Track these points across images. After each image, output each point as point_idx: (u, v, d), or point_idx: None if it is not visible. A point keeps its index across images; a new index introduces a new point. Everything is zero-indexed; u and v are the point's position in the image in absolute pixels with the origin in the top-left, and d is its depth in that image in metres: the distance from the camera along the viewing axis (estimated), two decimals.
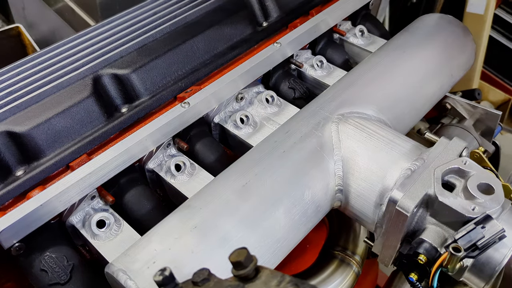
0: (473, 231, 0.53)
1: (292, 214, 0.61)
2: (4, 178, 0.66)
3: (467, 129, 1.00)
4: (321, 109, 0.70)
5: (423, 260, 0.57)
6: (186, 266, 0.52)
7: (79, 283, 0.62)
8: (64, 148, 0.69)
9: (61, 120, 0.70)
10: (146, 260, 0.53)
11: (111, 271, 0.53)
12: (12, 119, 0.69)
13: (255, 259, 0.41)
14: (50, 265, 0.62)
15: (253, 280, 0.41)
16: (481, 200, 0.55)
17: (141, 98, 0.77)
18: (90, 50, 0.80)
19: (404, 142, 0.66)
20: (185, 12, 0.88)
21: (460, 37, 0.89)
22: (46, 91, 0.73)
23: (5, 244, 0.60)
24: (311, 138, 0.66)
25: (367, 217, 0.65)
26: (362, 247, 0.81)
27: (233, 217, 0.57)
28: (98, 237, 0.65)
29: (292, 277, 0.39)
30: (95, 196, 0.69)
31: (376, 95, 0.74)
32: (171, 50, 0.81)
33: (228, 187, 0.61)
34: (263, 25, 0.93)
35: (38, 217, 0.62)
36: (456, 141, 0.63)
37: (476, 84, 1.77)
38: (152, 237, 0.56)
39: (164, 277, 0.41)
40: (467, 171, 0.59)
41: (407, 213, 0.56)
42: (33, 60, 0.78)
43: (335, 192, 0.66)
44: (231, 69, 0.82)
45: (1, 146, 0.67)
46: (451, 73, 0.86)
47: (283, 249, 0.61)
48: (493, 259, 0.56)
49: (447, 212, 0.56)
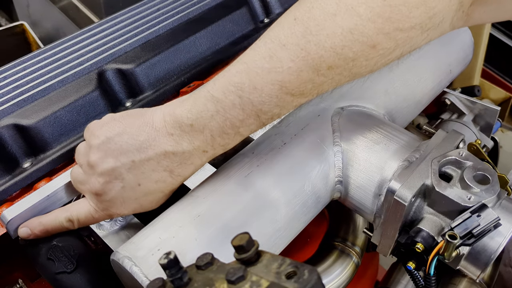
0: (469, 219, 0.54)
1: (293, 205, 0.63)
2: (12, 170, 0.68)
3: (466, 124, 1.01)
4: (321, 102, 0.72)
5: (421, 248, 0.58)
6: (190, 253, 0.54)
7: (85, 272, 0.64)
8: (70, 140, 0.71)
9: (67, 113, 0.72)
10: (151, 248, 0.54)
11: (116, 258, 0.55)
12: (19, 113, 0.71)
13: (256, 243, 0.43)
14: (57, 255, 0.64)
15: (255, 264, 0.42)
16: (477, 190, 0.57)
17: (145, 93, 0.79)
18: (95, 45, 0.82)
19: (403, 135, 0.67)
20: (188, 9, 0.90)
21: (458, 32, 0.90)
22: (52, 86, 0.75)
23: (13, 234, 0.62)
24: (311, 131, 0.67)
25: (366, 208, 0.66)
26: (362, 238, 0.82)
27: (235, 207, 0.59)
28: (103, 227, 0.67)
29: (292, 260, 0.41)
30: None
31: (376, 89, 0.75)
32: (174, 46, 0.83)
33: (230, 178, 0.62)
34: (265, 21, 0.94)
35: (44, 208, 0.64)
36: (453, 133, 0.64)
37: (476, 82, 1.78)
38: (157, 226, 0.58)
39: (169, 260, 0.42)
40: (464, 162, 0.60)
41: (404, 202, 0.58)
42: (38, 55, 0.80)
43: (335, 184, 0.67)
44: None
45: (9, 138, 0.68)
46: (450, 69, 0.88)
47: (283, 239, 0.63)
48: (489, 247, 0.57)
49: (444, 202, 0.58)
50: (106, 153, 0.56)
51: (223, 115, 0.53)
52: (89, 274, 0.64)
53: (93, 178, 0.57)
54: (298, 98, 0.52)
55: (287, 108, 0.54)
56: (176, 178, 0.58)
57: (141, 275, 0.52)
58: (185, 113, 0.54)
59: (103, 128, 0.58)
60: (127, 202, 0.58)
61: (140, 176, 0.56)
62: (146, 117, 0.56)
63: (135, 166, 0.55)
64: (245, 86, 0.51)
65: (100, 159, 0.56)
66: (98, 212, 0.60)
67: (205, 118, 0.53)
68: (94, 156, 0.57)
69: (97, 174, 0.57)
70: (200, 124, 0.53)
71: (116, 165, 0.56)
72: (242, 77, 0.51)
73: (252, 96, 0.51)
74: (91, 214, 0.60)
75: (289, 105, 0.53)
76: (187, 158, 0.56)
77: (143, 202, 0.59)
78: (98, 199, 0.58)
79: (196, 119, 0.53)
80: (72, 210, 0.61)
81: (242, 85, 0.51)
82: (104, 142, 0.56)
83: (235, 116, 0.53)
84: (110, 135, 0.56)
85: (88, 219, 0.61)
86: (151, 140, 0.55)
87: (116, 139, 0.56)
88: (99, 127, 0.58)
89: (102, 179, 0.56)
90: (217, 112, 0.53)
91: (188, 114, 0.54)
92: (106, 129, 0.57)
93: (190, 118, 0.54)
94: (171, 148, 0.55)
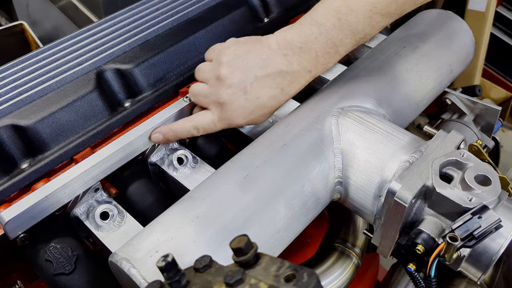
0: (470, 221, 0.54)
1: (292, 206, 0.62)
2: (10, 170, 0.68)
3: (467, 124, 1.00)
4: (321, 103, 0.71)
5: (421, 250, 0.58)
6: (188, 255, 0.53)
7: (83, 273, 0.64)
8: (68, 141, 0.71)
9: (65, 114, 0.72)
10: (149, 249, 0.54)
11: (114, 260, 0.54)
12: (17, 113, 0.70)
13: (255, 246, 0.42)
14: (55, 256, 0.63)
15: (254, 266, 0.42)
16: (478, 191, 0.56)
17: (144, 93, 0.78)
18: (93, 45, 0.82)
19: (403, 135, 0.67)
20: (187, 8, 0.90)
21: (459, 32, 0.90)
22: (50, 86, 0.74)
23: (11, 235, 0.62)
24: (311, 131, 0.67)
25: (366, 209, 0.66)
26: (362, 239, 0.82)
27: (234, 208, 0.58)
28: (101, 228, 0.66)
29: (291, 263, 0.40)
30: (98, 188, 0.70)
31: (376, 89, 0.75)
32: (173, 46, 0.82)
33: (230, 179, 0.62)
34: (264, 21, 0.94)
35: (43, 209, 0.63)
36: (454, 134, 0.64)
37: (477, 81, 1.77)
38: (155, 227, 0.57)
39: (166, 263, 0.42)
40: (465, 163, 0.59)
41: (405, 204, 0.57)
42: (37, 55, 0.80)
43: (335, 184, 0.67)
44: None
45: (7, 139, 0.68)
46: (451, 69, 0.87)
47: (283, 240, 0.62)
48: (490, 249, 0.57)
49: (445, 203, 0.57)
50: (235, 68, 0.67)
51: (325, 36, 0.66)
52: (87, 276, 0.64)
53: (222, 89, 0.68)
54: (385, 18, 0.66)
55: (376, 28, 0.67)
56: (285, 96, 0.69)
57: (139, 277, 0.52)
58: (295, 37, 0.67)
59: (231, 48, 0.69)
60: (245, 113, 0.68)
61: (260, 91, 0.67)
62: (263, 41, 0.69)
63: (257, 81, 0.67)
64: (342, 9, 0.65)
65: (230, 73, 0.67)
66: (220, 121, 0.70)
67: (311, 41, 0.66)
68: (224, 70, 0.68)
69: (226, 86, 0.67)
70: (307, 46, 0.66)
71: (242, 79, 0.67)
72: (340, 2, 0.65)
73: (349, 17, 0.65)
74: (214, 123, 0.70)
75: (378, 25, 0.66)
76: (296, 77, 0.68)
77: (256, 115, 0.69)
78: (223, 108, 0.68)
79: (304, 42, 0.66)
80: (197, 120, 0.71)
81: (340, 8, 0.65)
82: (233, 59, 0.68)
83: (335, 36, 0.66)
84: (238, 54, 0.68)
85: (210, 127, 0.71)
86: (270, 60, 0.67)
87: (243, 57, 0.68)
88: (227, 47, 0.70)
89: (230, 90, 0.67)
90: (320, 34, 0.66)
91: (297, 37, 0.66)
92: (234, 48, 0.69)
93: (299, 41, 0.66)
94: (285, 67, 0.67)
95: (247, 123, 0.70)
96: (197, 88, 0.72)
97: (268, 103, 0.68)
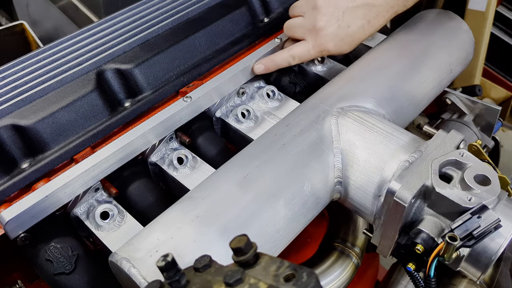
0: (469, 220, 0.54)
1: (292, 206, 0.62)
2: (10, 170, 0.68)
3: (467, 124, 1.00)
4: (321, 102, 0.71)
5: (421, 250, 0.58)
6: (188, 254, 0.53)
7: (84, 273, 0.64)
8: (69, 141, 0.71)
9: (66, 114, 0.72)
10: (149, 249, 0.54)
11: (115, 259, 0.55)
12: (17, 113, 0.70)
13: (255, 246, 0.43)
14: (55, 255, 0.63)
15: (253, 266, 0.42)
16: (477, 191, 0.56)
17: (144, 93, 0.78)
18: (94, 45, 0.82)
19: (403, 135, 0.67)
20: (187, 8, 0.90)
21: (459, 32, 0.90)
22: (51, 86, 0.74)
23: (11, 235, 0.62)
24: (311, 131, 0.67)
25: (366, 209, 0.66)
26: (362, 239, 0.82)
27: (234, 208, 0.59)
28: (102, 228, 0.66)
29: (290, 263, 0.40)
30: (98, 188, 0.70)
31: (376, 89, 0.75)
32: (173, 46, 0.82)
33: (229, 178, 0.62)
34: (264, 21, 0.94)
35: (43, 208, 0.63)
36: (454, 133, 0.64)
37: (477, 81, 1.77)
38: (155, 227, 0.57)
39: (166, 262, 0.42)
40: (464, 163, 0.60)
41: (404, 203, 0.57)
42: (37, 55, 0.80)
43: (335, 184, 0.67)
44: (232, 64, 0.84)
45: (7, 139, 0.68)
46: (450, 68, 0.87)
47: (282, 240, 0.62)
48: (489, 249, 0.57)
49: (444, 203, 0.57)
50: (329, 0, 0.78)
51: None
52: (87, 275, 0.64)
53: (318, 17, 0.78)
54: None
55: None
56: (371, 28, 0.79)
57: (139, 276, 0.52)
58: None
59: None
60: (336, 39, 0.78)
61: (350, 20, 0.77)
62: None
63: (348, 11, 0.77)
64: None
65: (326, 3, 0.78)
66: (314, 47, 0.80)
67: None
68: (320, 1, 0.78)
69: (322, 14, 0.78)
70: None
71: (336, 8, 0.77)
72: None
73: None
74: (308, 50, 0.81)
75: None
76: (380, 11, 0.78)
77: (345, 43, 0.79)
78: (318, 34, 0.79)
79: None
80: (293, 50, 0.82)
81: None
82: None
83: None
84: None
85: (305, 55, 0.81)
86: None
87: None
88: None
89: (326, 18, 0.77)
90: None
91: None
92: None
93: None
94: (372, 0, 0.77)
95: (336, 50, 0.79)
96: (293, 21, 0.82)
97: (356, 33, 0.78)
